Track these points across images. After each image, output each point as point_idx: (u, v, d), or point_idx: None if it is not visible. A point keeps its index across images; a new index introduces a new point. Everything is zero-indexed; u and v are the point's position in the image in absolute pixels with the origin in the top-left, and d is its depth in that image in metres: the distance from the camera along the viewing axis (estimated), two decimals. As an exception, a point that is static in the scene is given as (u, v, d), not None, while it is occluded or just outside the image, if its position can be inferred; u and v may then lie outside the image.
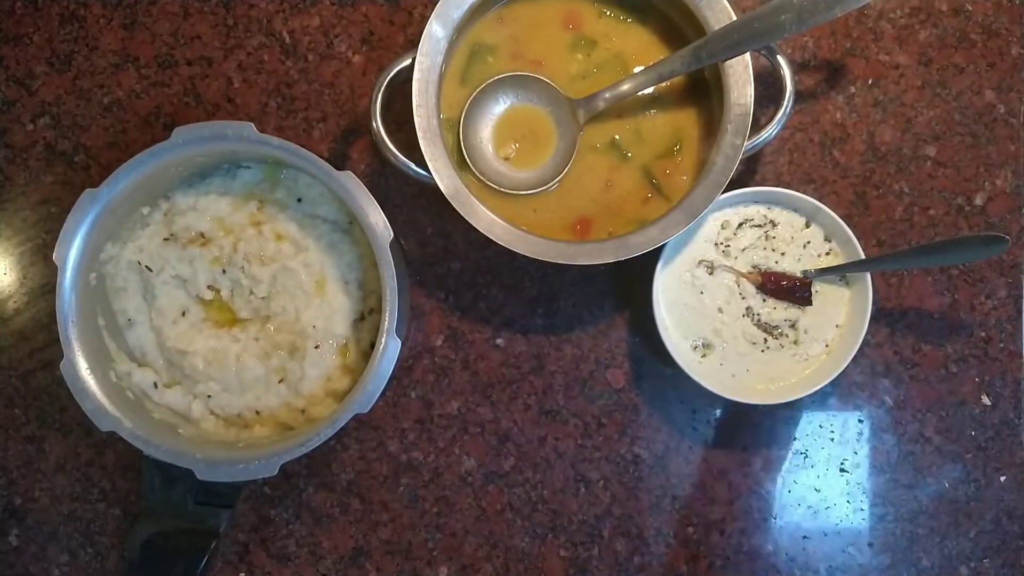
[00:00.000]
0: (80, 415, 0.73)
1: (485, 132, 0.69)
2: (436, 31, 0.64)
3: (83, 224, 0.61)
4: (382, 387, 0.61)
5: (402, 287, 0.62)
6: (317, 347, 0.65)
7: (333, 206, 0.68)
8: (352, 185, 0.62)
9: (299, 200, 0.68)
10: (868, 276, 0.67)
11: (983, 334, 0.74)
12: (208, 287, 0.67)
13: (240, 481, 0.61)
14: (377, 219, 0.61)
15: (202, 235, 0.67)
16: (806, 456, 0.74)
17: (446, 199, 0.63)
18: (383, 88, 0.65)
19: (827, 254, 0.69)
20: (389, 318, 0.61)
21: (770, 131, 0.65)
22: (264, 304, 0.67)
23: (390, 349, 0.61)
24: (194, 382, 0.66)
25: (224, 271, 0.67)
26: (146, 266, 0.66)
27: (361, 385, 0.61)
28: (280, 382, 0.66)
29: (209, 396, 0.66)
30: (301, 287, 0.66)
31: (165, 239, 0.67)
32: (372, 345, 0.64)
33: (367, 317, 0.68)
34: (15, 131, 0.74)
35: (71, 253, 0.61)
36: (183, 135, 0.62)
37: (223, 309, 0.68)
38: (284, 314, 0.66)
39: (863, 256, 0.68)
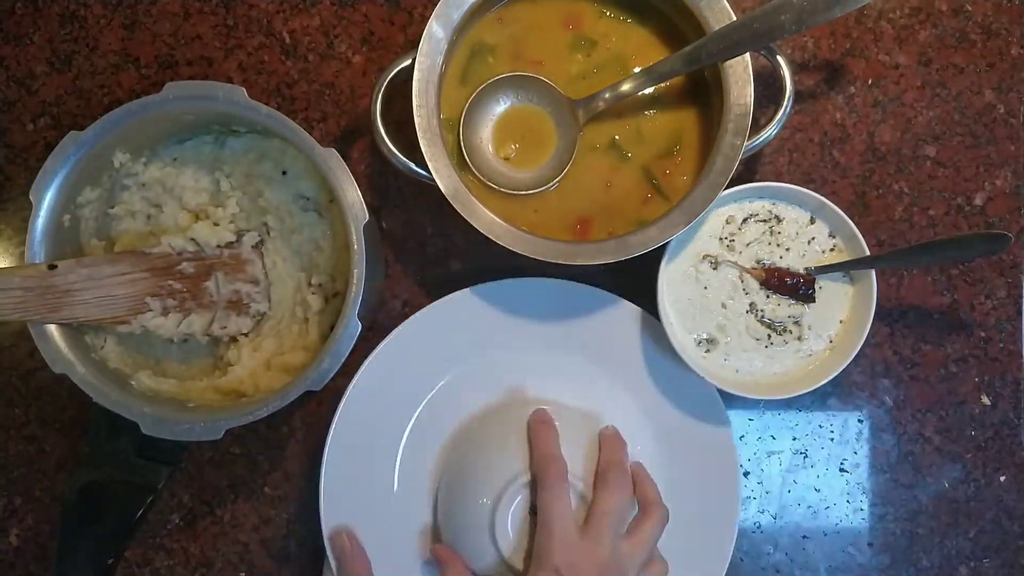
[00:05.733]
0: (80, 415, 0.74)
1: (485, 132, 0.69)
2: (436, 31, 0.64)
3: (63, 165, 0.62)
4: (337, 366, 0.62)
5: (374, 272, 0.62)
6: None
7: (314, 183, 0.69)
8: (334, 162, 0.62)
9: (284, 173, 0.69)
10: (872, 273, 0.67)
11: (983, 334, 0.74)
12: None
13: (184, 441, 0.62)
14: (354, 199, 0.62)
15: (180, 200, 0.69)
16: (806, 456, 0.74)
17: (446, 199, 0.63)
18: (383, 88, 0.65)
19: (831, 250, 0.69)
20: (352, 299, 0.61)
21: (770, 131, 0.65)
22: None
23: (349, 329, 0.61)
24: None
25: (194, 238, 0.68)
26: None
27: (316, 362, 0.62)
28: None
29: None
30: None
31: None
32: (333, 328, 0.65)
33: (331, 300, 0.68)
34: (15, 131, 0.74)
35: (48, 192, 0.62)
36: (174, 91, 0.62)
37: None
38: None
39: (868, 253, 0.68)
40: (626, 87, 0.66)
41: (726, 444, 0.70)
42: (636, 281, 0.70)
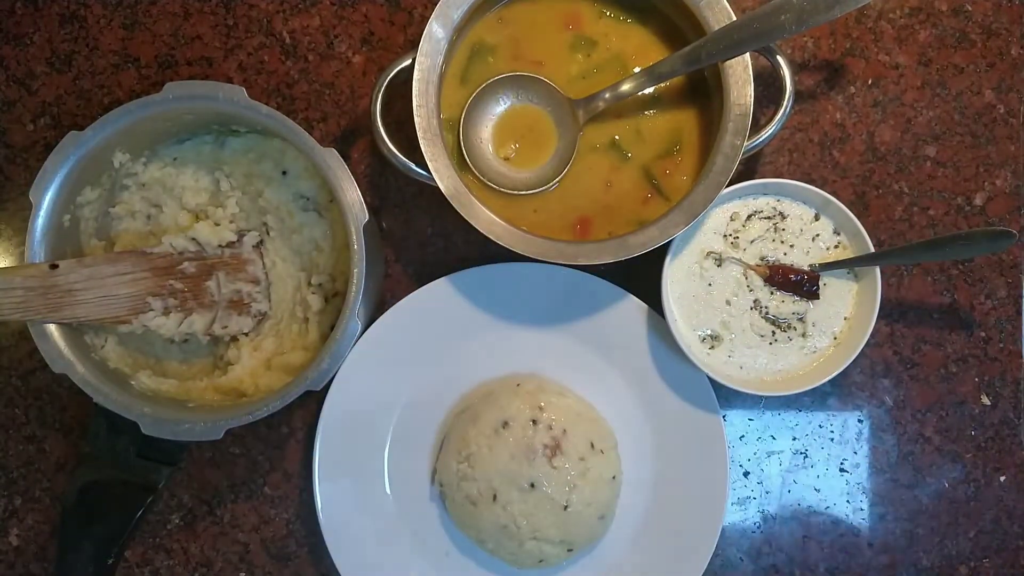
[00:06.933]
0: (80, 415, 0.74)
1: (485, 132, 0.69)
2: (436, 31, 0.64)
3: (63, 165, 0.62)
4: (337, 366, 0.63)
5: (374, 272, 0.62)
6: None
7: (314, 183, 0.69)
8: (334, 162, 0.62)
9: (284, 173, 0.69)
10: (877, 270, 0.67)
11: (983, 334, 0.74)
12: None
13: (184, 441, 0.62)
14: (354, 198, 0.62)
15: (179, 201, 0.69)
16: (806, 456, 0.74)
17: (446, 199, 0.64)
18: (383, 88, 0.65)
19: (836, 247, 0.69)
20: (353, 299, 0.61)
21: (770, 131, 0.65)
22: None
23: (349, 330, 0.62)
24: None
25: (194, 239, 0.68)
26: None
27: (316, 362, 0.62)
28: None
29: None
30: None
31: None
32: (333, 328, 0.65)
33: (330, 300, 0.68)
34: (15, 131, 0.74)
35: (48, 192, 0.62)
36: (174, 91, 0.62)
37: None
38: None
39: (872, 250, 0.68)
40: (626, 87, 0.66)
41: (717, 432, 0.70)
42: (639, 277, 0.70)
